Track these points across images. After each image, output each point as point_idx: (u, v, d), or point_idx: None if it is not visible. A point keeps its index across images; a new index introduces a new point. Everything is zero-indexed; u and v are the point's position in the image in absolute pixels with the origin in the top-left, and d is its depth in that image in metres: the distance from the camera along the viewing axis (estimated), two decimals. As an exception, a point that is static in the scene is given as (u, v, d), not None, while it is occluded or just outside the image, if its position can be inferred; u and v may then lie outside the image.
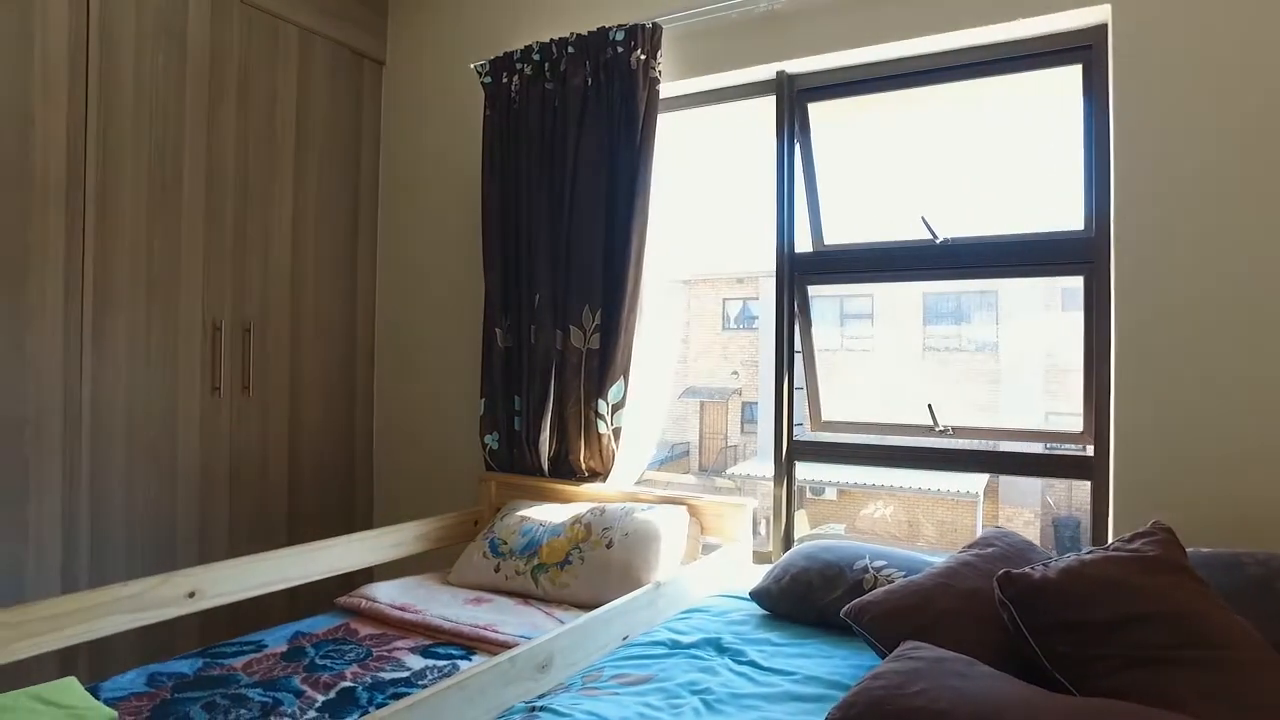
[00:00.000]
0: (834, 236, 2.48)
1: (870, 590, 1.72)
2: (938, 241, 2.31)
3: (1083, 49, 2.08)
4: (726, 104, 2.63)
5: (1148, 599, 1.25)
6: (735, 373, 9.33)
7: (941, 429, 2.34)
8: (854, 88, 2.42)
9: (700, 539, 2.34)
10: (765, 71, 2.47)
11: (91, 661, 2.24)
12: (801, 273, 2.47)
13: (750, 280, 9.39)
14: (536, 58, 2.63)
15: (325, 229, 3.02)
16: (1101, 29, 2.03)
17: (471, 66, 2.80)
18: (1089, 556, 1.35)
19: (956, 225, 2.33)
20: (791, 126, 2.46)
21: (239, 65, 2.68)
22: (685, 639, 1.70)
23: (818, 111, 2.48)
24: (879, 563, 1.85)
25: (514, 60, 2.68)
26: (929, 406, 2.37)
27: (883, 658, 1.47)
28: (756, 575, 2.13)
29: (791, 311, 2.47)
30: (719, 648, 1.66)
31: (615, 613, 1.75)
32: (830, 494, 8.04)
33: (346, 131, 3.10)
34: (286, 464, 2.87)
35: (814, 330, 2.51)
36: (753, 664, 1.58)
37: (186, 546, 2.55)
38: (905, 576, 1.75)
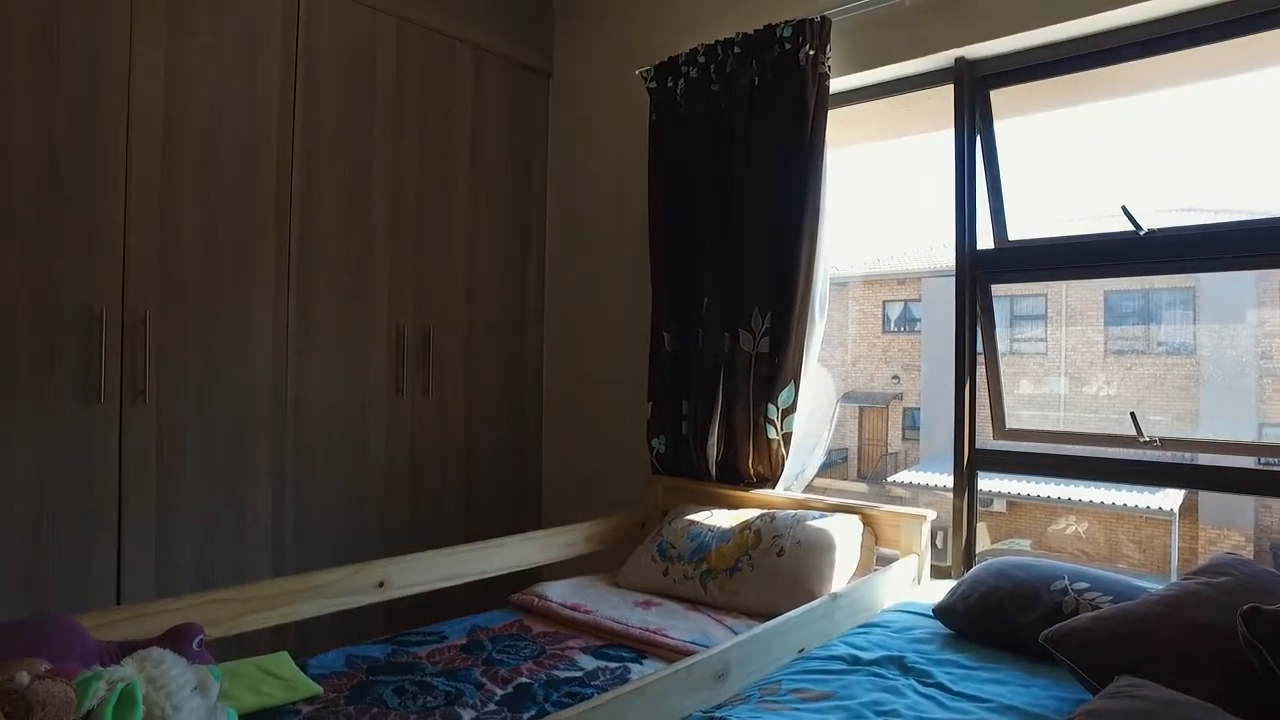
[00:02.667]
0: (1016, 232, 2.31)
1: (1071, 615, 1.58)
2: (1141, 233, 2.09)
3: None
4: (894, 97, 2.52)
5: None
6: (896, 377, 8.94)
7: (1148, 440, 2.12)
8: (1041, 70, 2.25)
9: (875, 550, 2.24)
10: (942, 59, 2.34)
11: (295, 639, 2.45)
12: (984, 271, 2.31)
13: (912, 281, 8.99)
14: (702, 60, 2.63)
15: (497, 237, 3.15)
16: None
17: (636, 72, 2.83)
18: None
19: (1159, 216, 2.11)
20: (972, 116, 2.31)
21: (418, 86, 2.85)
22: (865, 655, 1.63)
23: (999, 99, 2.32)
24: (1080, 584, 1.70)
25: (679, 64, 2.69)
26: (1132, 415, 2.15)
27: (1092, 692, 1.35)
28: (936, 590, 2.02)
29: (973, 313, 2.32)
30: (903, 666, 1.58)
31: (792, 624, 1.70)
32: (998, 506, 7.54)
33: (516, 143, 3.22)
34: (462, 463, 3.02)
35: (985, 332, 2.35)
36: (941, 687, 1.49)
37: (373, 539, 2.72)
38: (1112, 601, 1.60)
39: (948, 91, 2.38)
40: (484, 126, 3.08)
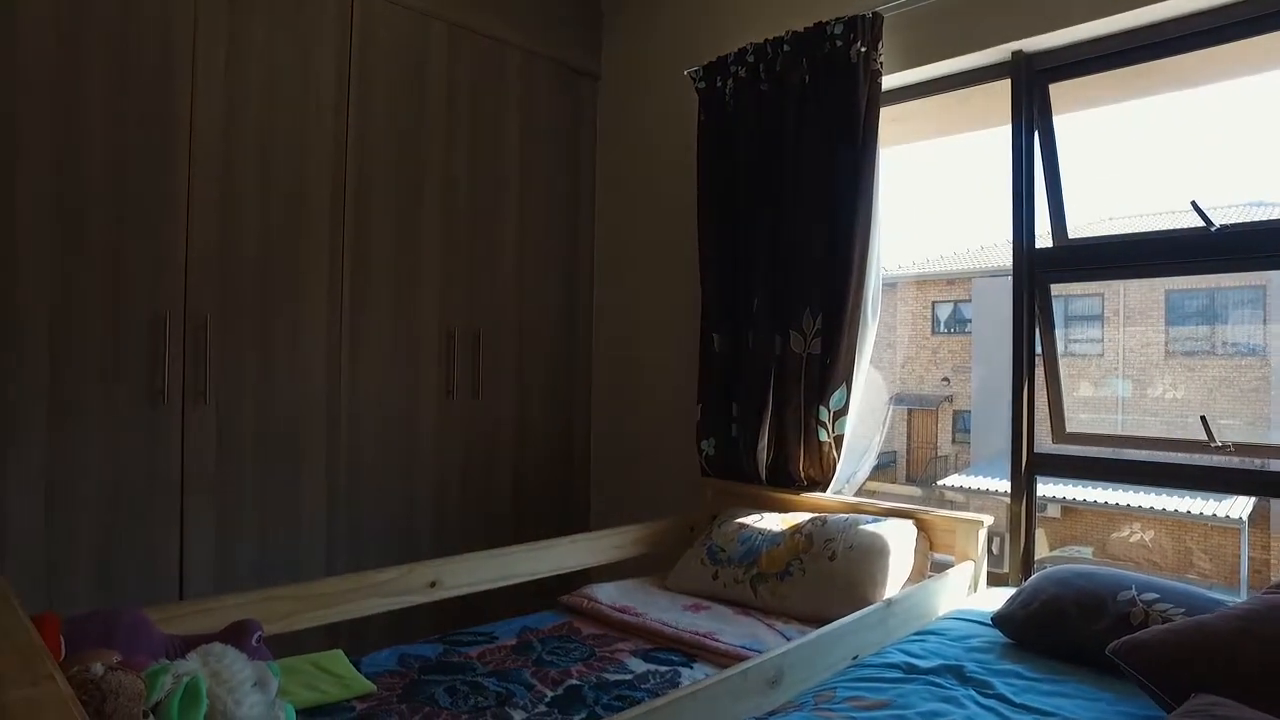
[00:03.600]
0: (1073, 230, 2.24)
1: (1140, 626, 1.52)
2: (1213, 230, 2.01)
3: None
4: (947, 94, 2.47)
5: None
6: (946, 379, 8.77)
7: (1220, 445, 2.03)
8: (1102, 62, 2.18)
9: (929, 555, 2.19)
10: (998, 54, 2.28)
11: (347, 637, 2.48)
12: (1043, 271, 2.25)
13: (961, 281, 8.81)
14: (751, 59, 2.61)
15: (546, 240, 3.17)
16: None
17: (685, 73, 2.82)
18: None
19: (1224, 212, 2.03)
20: (1030, 111, 2.25)
21: (468, 90, 2.88)
22: (922, 663, 1.59)
23: (1058, 93, 2.26)
24: (1149, 595, 1.63)
25: (728, 63, 2.68)
26: (1203, 420, 2.07)
27: (1165, 709, 1.29)
28: (993, 598, 1.97)
29: (1031, 313, 2.26)
30: (961, 676, 1.53)
31: (845, 630, 1.67)
32: (1052, 511, 7.33)
33: (565, 145, 3.24)
34: (511, 465, 3.04)
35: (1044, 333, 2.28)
36: (1002, 698, 1.44)
37: (424, 539, 2.76)
38: (1185, 614, 1.53)
39: (1003, 86, 2.32)
40: (533, 129, 3.10)
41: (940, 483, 7.87)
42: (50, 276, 2.01)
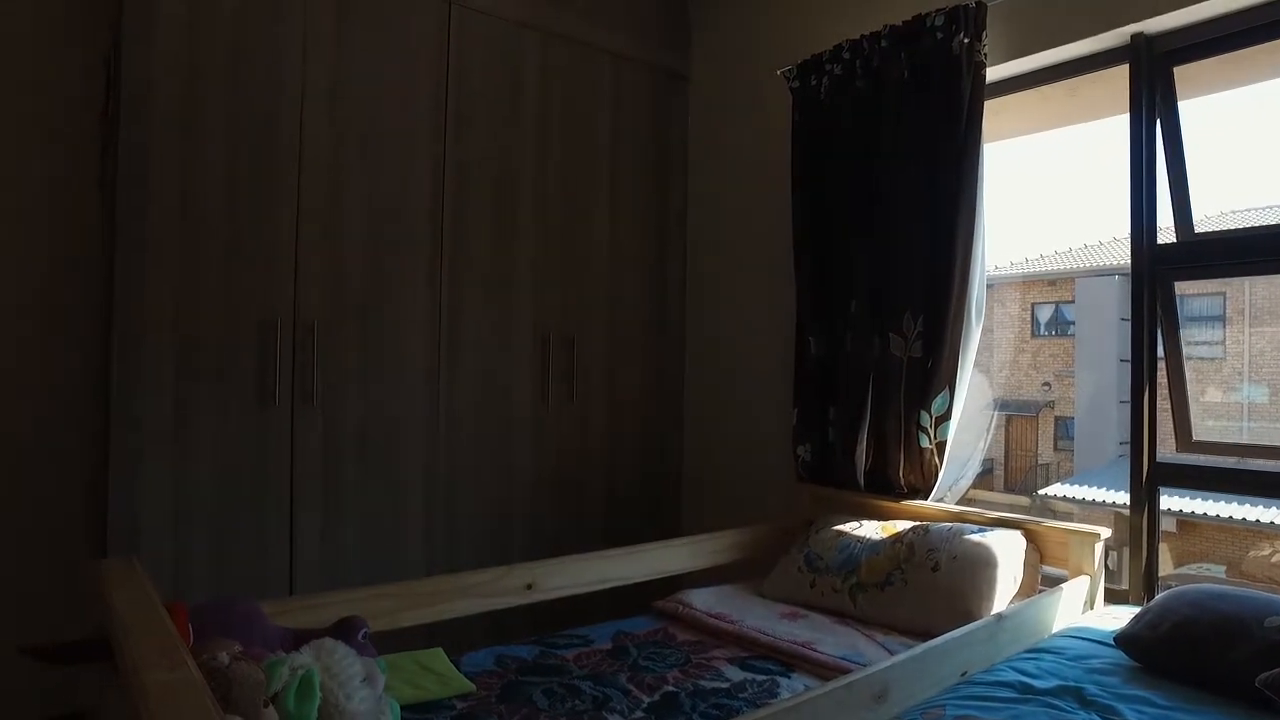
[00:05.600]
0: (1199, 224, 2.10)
1: (1290, 655, 1.40)
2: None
3: None
4: (1055, 84, 2.35)
5: None
6: (1047, 384, 8.37)
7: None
8: (1233, 41, 2.03)
9: (1039, 568, 2.08)
10: (1116, 37, 2.15)
11: (443, 636, 2.54)
12: (1166, 268, 2.11)
13: (1063, 282, 8.39)
14: (847, 56, 2.55)
15: (638, 244, 3.17)
16: None
17: (778, 72, 2.78)
18: None
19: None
20: (1151, 97, 2.11)
21: (561, 97, 2.91)
22: (1038, 684, 1.50)
23: (1182, 76, 2.11)
24: (1300, 620, 1.50)
25: (823, 61, 2.62)
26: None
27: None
28: (1112, 617, 1.85)
29: (1153, 313, 2.12)
30: (1082, 699, 1.44)
31: (954, 644, 1.60)
32: (1166, 524, 6.89)
33: (656, 149, 3.24)
34: (603, 468, 3.05)
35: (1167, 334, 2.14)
36: (1129, 726, 1.35)
37: (519, 542, 2.79)
38: (1341, 642, 1.40)
39: (1119, 73, 2.19)
40: (624, 134, 3.11)
41: (1042, 492, 7.51)
42: (172, 286, 2.13)
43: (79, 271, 2.44)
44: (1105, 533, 2.03)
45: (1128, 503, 2.20)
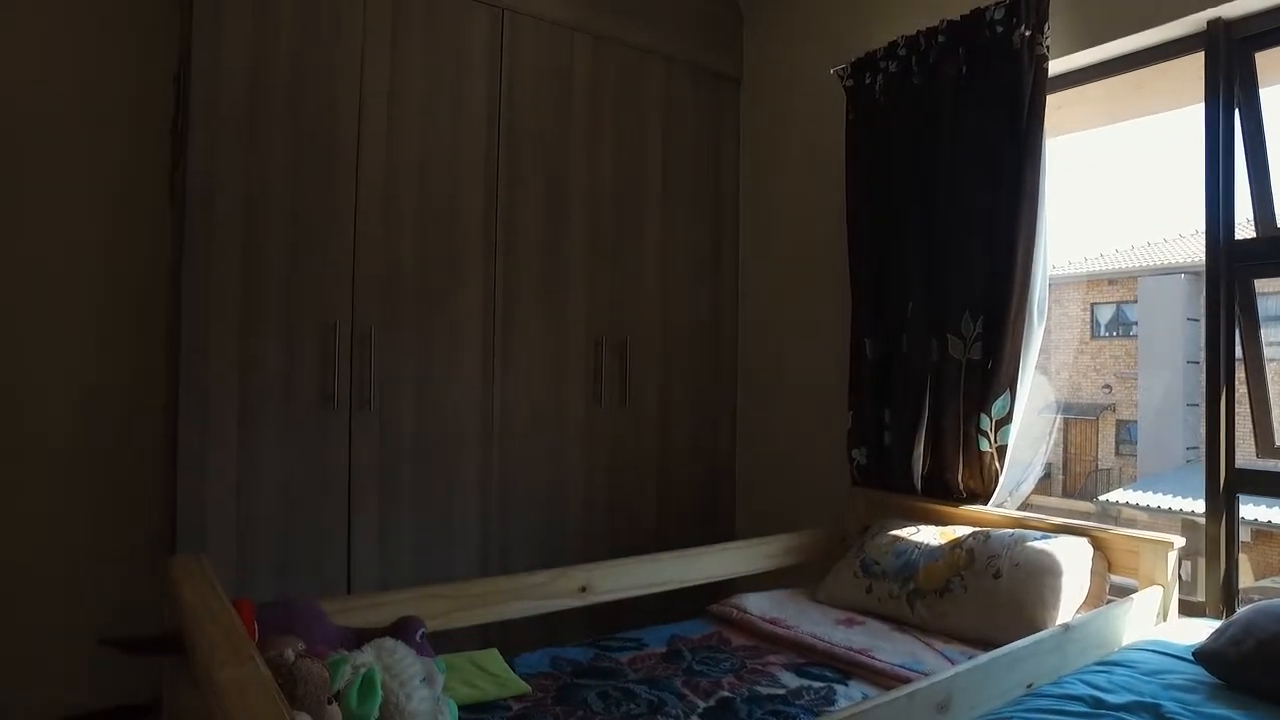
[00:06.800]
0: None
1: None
2: None
3: None
4: (1120, 76, 2.27)
5: None
6: (1108, 386, 8.11)
7: None
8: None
9: (1108, 578, 2.01)
10: (1190, 24, 2.07)
11: (500, 638, 2.55)
12: (1245, 264, 2.02)
13: (1125, 281, 8.11)
14: (903, 53, 2.50)
15: (690, 247, 3.16)
16: None
17: (832, 71, 2.74)
18: None
19: None
20: (1229, 85, 2.03)
21: (613, 99, 2.92)
22: (1110, 698, 1.44)
23: (1264, 62, 2.02)
24: (1397, 638, 1.41)
25: (877, 59, 2.58)
26: None
27: None
28: (1188, 630, 1.78)
29: (1230, 312, 2.03)
30: (1159, 716, 1.38)
31: (1020, 654, 1.55)
32: (1243, 534, 6.59)
33: (708, 150, 3.22)
34: (657, 472, 3.04)
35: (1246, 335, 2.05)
36: (1211, 744, 1.29)
37: (572, 544, 2.79)
38: None
39: (1193, 62, 2.11)
40: (676, 135, 3.10)
41: (1104, 497, 7.27)
42: (236, 292, 2.18)
43: (152, 278, 2.55)
44: (1180, 541, 1.94)
45: (1200, 510, 2.12)
